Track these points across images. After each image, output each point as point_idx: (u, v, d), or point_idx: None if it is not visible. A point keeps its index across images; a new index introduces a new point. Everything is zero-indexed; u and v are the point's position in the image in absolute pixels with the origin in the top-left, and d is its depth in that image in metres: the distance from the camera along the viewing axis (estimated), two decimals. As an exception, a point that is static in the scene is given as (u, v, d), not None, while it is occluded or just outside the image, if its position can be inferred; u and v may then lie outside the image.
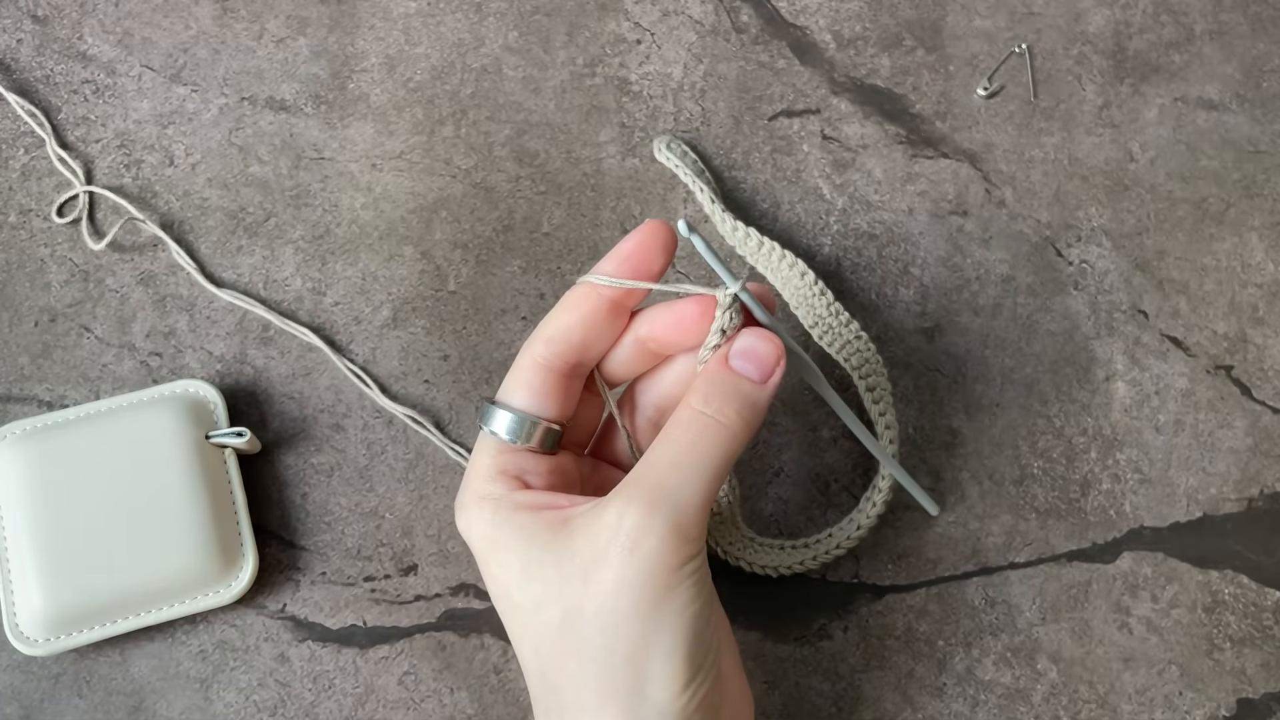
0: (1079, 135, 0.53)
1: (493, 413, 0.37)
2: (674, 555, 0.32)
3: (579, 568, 0.33)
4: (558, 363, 0.36)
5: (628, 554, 0.32)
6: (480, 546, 0.36)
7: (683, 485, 0.33)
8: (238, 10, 0.53)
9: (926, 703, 0.45)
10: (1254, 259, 0.51)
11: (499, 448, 0.36)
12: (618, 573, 0.32)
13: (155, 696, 0.44)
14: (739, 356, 0.35)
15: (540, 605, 0.34)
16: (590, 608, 0.32)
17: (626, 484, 0.34)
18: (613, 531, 0.32)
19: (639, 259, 0.36)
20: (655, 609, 0.32)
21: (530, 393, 0.36)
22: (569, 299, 0.36)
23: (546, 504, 0.35)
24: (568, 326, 0.36)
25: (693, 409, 0.34)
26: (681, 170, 0.49)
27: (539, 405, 0.36)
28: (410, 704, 0.45)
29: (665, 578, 0.32)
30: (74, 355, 0.48)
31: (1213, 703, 0.45)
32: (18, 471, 0.44)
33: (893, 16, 0.54)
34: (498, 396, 0.37)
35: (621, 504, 0.33)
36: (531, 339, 0.37)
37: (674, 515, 0.32)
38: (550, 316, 0.37)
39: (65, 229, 0.50)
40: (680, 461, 0.33)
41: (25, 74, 0.52)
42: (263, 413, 0.48)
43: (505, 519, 0.35)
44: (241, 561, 0.45)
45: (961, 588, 0.47)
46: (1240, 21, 0.54)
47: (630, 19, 0.54)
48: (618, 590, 0.32)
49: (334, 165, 0.51)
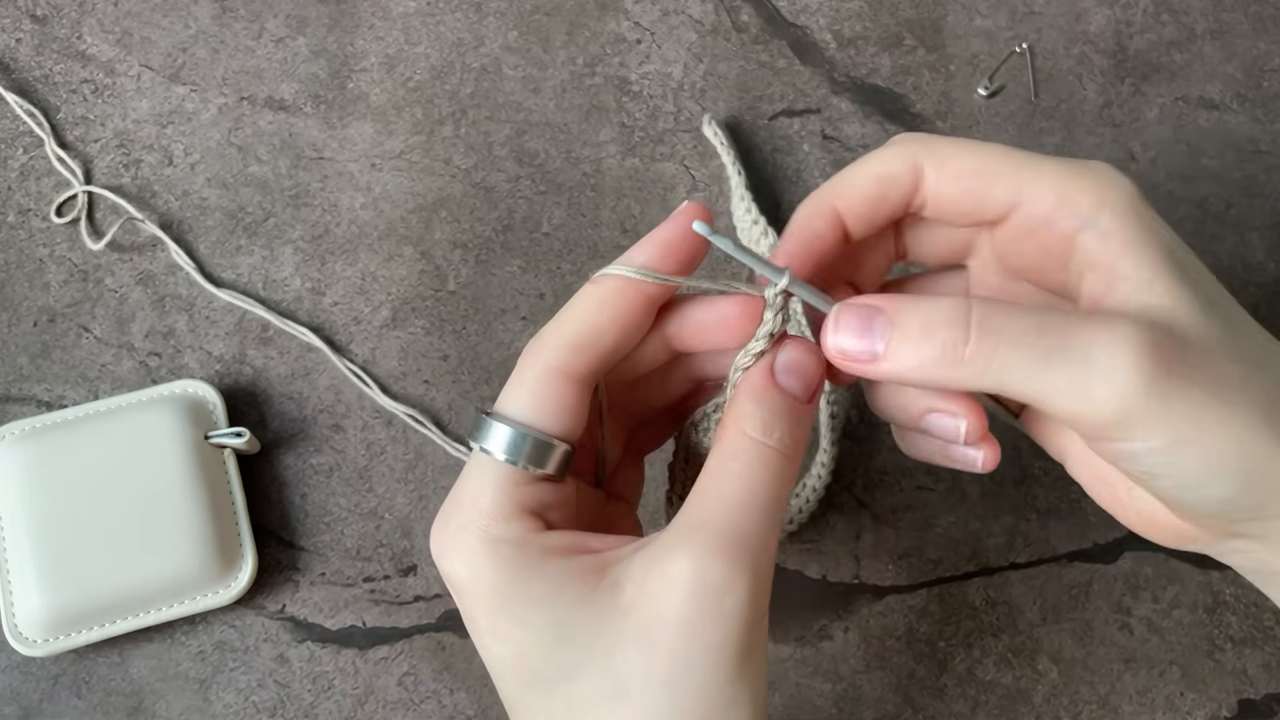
0: (1080, 135, 0.52)
1: (502, 433, 0.29)
2: (755, 612, 0.27)
3: (634, 629, 0.27)
4: (583, 372, 0.30)
5: (709, 616, 0.27)
6: (487, 602, 0.29)
7: (760, 530, 0.28)
8: (237, 10, 0.53)
9: (927, 703, 0.45)
10: (1255, 259, 0.51)
11: (515, 477, 0.29)
12: (695, 637, 0.27)
13: (154, 697, 0.44)
14: (786, 373, 0.30)
15: (576, 674, 0.28)
16: (659, 678, 0.27)
17: (693, 528, 0.28)
18: (687, 588, 0.27)
19: (684, 250, 0.30)
20: (737, 674, 0.27)
21: (548, 407, 0.30)
22: (597, 296, 0.30)
23: (577, 547, 0.29)
24: (598, 329, 0.30)
25: (754, 439, 0.29)
26: (724, 149, 0.50)
27: (557, 423, 0.30)
28: (410, 705, 0.44)
29: (748, 638, 0.27)
30: (73, 355, 0.48)
31: (1214, 703, 0.45)
32: (16, 472, 0.43)
33: (893, 16, 0.54)
34: (503, 411, 0.30)
35: (697, 554, 0.27)
36: (546, 343, 0.30)
37: (756, 566, 0.27)
38: (572, 317, 0.30)
39: (64, 229, 0.50)
40: (752, 500, 0.28)
41: (24, 73, 0.52)
42: (262, 413, 0.48)
43: (531, 569, 0.28)
44: (241, 562, 0.45)
45: (962, 588, 0.46)
46: (1241, 21, 0.54)
47: (630, 18, 0.54)
48: (695, 658, 0.27)
49: (333, 165, 0.51)
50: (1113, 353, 0.26)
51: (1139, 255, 0.28)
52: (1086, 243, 0.29)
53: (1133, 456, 0.27)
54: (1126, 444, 0.27)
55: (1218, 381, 0.27)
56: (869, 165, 0.31)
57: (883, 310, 0.28)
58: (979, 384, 0.27)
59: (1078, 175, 0.29)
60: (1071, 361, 0.26)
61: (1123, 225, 0.28)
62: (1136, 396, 0.26)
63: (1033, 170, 0.29)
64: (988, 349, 0.27)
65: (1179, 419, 0.26)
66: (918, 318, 0.28)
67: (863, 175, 0.31)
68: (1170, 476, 0.27)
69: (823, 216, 0.31)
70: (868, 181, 0.31)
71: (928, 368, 0.27)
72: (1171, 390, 0.26)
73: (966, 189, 0.30)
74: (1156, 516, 0.31)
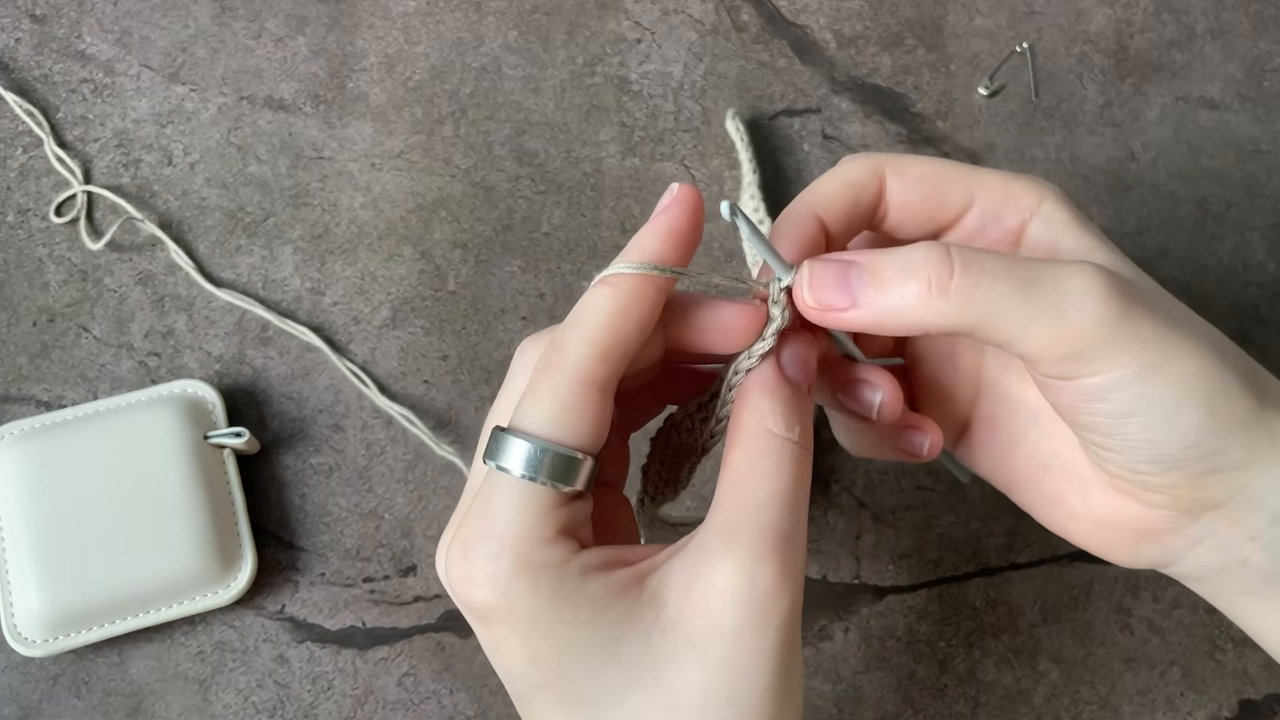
0: (1080, 134, 0.52)
1: (526, 450, 0.27)
2: (798, 614, 0.27)
3: (685, 643, 0.27)
4: (612, 380, 0.28)
5: (764, 624, 0.26)
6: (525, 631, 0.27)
7: (795, 531, 0.28)
8: (236, 9, 0.53)
9: (928, 704, 0.45)
10: (1255, 259, 0.51)
11: (550, 499, 0.28)
12: (750, 646, 0.26)
13: (154, 697, 0.44)
14: (792, 365, 0.30)
15: (625, 693, 0.27)
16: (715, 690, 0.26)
17: (732, 531, 0.27)
18: (739, 596, 0.26)
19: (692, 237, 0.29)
20: (786, 678, 0.27)
21: (583, 424, 0.28)
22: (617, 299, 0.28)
23: (613, 561, 0.28)
24: (627, 336, 0.28)
25: (779, 435, 0.29)
26: (744, 146, 0.50)
27: (591, 439, 0.28)
28: (409, 705, 0.44)
29: (796, 642, 0.27)
30: (72, 355, 0.48)
31: (1214, 703, 0.45)
32: (16, 472, 0.43)
33: (894, 15, 0.54)
34: (518, 425, 0.28)
35: (747, 560, 0.27)
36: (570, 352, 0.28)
37: (799, 569, 0.27)
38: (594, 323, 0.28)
39: (63, 228, 0.50)
40: (786, 499, 0.28)
41: (23, 73, 0.52)
42: (261, 413, 0.48)
43: (572, 593, 0.27)
44: (240, 562, 0.44)
45: (963, 588, 0.46)
46: (1242, 20, 0.54)
47: (630, 18, 0.54)
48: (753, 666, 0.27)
49: (333, 165, 0.51)
50: (1083, 285, 0.27)
51: (1077, 233, 0.31)
52: (1031, 231, 0.32)
53: (1104, 393, 0.28)
54: (1099, 377, 0.28)
55: (1172, 318, 0.29)
56: (838, 175, 0.32)
57: (856, 261, 0.29)
58: (960, 319, 0.28)
59: (1018, 178, 0.32)
60: (1046, 292, 0.27)
61: (1061, 211, 0.31)
62: (1108, 320, 0.27)
63: (980, 175, 0.32)
64: (971, 281, 0.28)
65: (1147, 345, 0.28)
66: (896, 260, 0.29)
67: (835, 182, 0.32)
68: (1141, 413, 0.28)
69: (809, 221, 0.31)
70: (841, 187, 0.32)
71: (911, 307, 0.28)
72: (1137, 317, 0.28)
73: (927, 192, 0.32)
74: (1116, 513, 0.32)
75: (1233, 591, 0.32)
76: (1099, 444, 0.30)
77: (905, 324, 0.29)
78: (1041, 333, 0.28)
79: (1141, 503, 0.31)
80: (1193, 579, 0.32)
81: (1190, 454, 0.29)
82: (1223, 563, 0.31)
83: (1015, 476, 0.35)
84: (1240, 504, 0.30)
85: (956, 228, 0.32)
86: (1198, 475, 0.29)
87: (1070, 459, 0.33)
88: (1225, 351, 0.29)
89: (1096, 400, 0.29)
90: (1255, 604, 0.32)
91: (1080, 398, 0.29)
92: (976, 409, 0.36)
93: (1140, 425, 0.29)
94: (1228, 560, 0.31)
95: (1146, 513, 0.31)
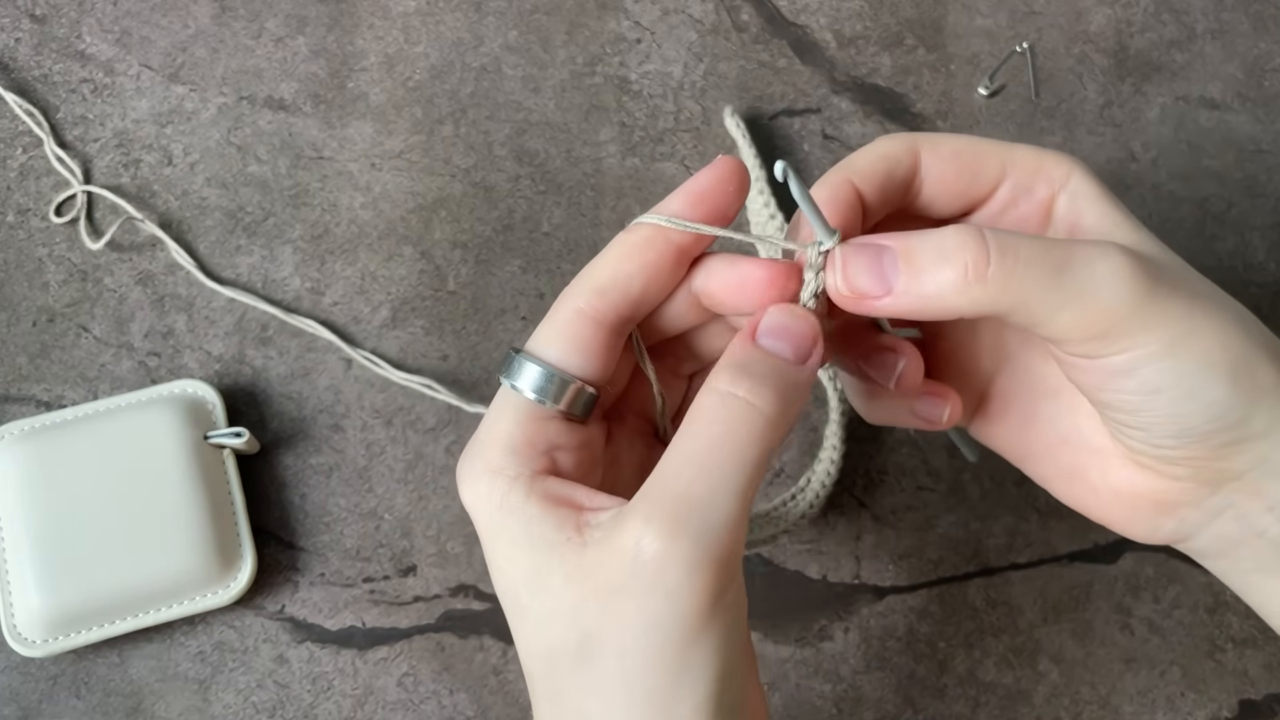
0: (1081, 134, 0.52)
1: (521, 365, 0.30)
2: (706, 590, 0.26)
3: (594, 591, 0.27)
4: (610, 316, 0.30)
5: (649, 591, 0.26)
6: (486, 532, 0.30)
7: (713, 496, 0.27)
8: (236, 9, 0.53)
9: (928, 704, 0.45)
10: (1255, 259, 0.51)
11: (527, 411, 0.30)
12: (639, 612, 0.27)
13: (154, 698, 0.44)
14: (769, 335, 0.29)
15: (551, 619, 0.28)
16: (611, 645, 0.27)
17: (644, 495, 0.27)
18: (630, 560, 0.26)
19: (715, 201, 0.30)
20: (684, 654, 0.27)
21: (570, 347, 0.30)
22: (627, 243, 0.30)
23: (563, 498, 0.29)
24: (627, 275, 0.30)
25: (720, 391, 0.28)
26: (745, 143, 0.50)
27: (579, 363, 0.30)
28: (409, 705, 0.44)
29: (695, 618, 0.27)
30: (72, 355, 0.48)
31: (1215, 703, 0.45)
32: (15, 472, 0.43)
33: (894, 15, 0.54)
34: (527, 347, 0.31)
35: (639, 525, 0.27)
36: (575, 287, 0.30)
37: (704, 537, 0.26)
38: (602, 263, 0.30)
39: (63, 228, 0.50)
40: (708, 463, 0.27)
41: (23, 73, 0.52)
42: (261, 413, 0.48)
43: (515, 506, 0.29)
44: (240, 562, 0.44)
45: (963, 588, 0.46)
46: (1242, 20, 0.54)
47: (630, 18, 0.54)
48: (640, 631, 0.27)
49: (333, 165, 0.51)
50: (1111, 265, 0.28)
51: (1103, 209, 0.31)
52: (1059, 204, 0.32)
53: (1130, 370, 0.28)
54: (1125, 355, 0.28)
55: (1195, 293, 0.29)
56: (875, 148, 0.32)
57: (889, 246, 0.29)
58: (995, 305, 0.28)
59: (1047, 152, 0.32)
60: (1077, 274, 0.28)
61: (1088, 185, 0.32)
62: (1136, 297, 0.28)
63: (1012, 149, 0.32)
64: (1008, 266, 0.28)
65: (1173, 320, 0.28)
66: (930, 246, 0.28)
67: (872, 155, 0.32)
68: (1169, 388, 0.28)
69: (846, 188, 0.31)
70: (877, 159, 0.32)
71: (947, 293, 0.28)
72: (1164, 294, 0.28)
73: (961, 166, 0.32)
74: (1136, 487, 0.32)
75: (1247, 567, 0.32)
76: (1123, 421, 0.30)
77: (940, 310, 0.29)
78: (1071, 315, 0.28)
79: (1163, 476, 0.31)
80: (1209, 554, 0.32)
81: (1215, 425, 0.29)
82: (1240, 535, 0.31)
83: (1032, 450, 0.35)
84: (1261, 474, 0.29)
85: (989, 202, 0.32)
86: (1221, 446, 0.29)
87: (1090, 434, 0.33)
88: (1248, 323, 0.29)
89: (1123, 377, 0.29)
90: (1269, 581, 0.32)
91: (1106, 375, 0.29)
92: (995, 383, 0.35)
93: (1166, 400, 0.29)
94: (1245, 533, 0.31)
95: (1167, 485, 0.31)
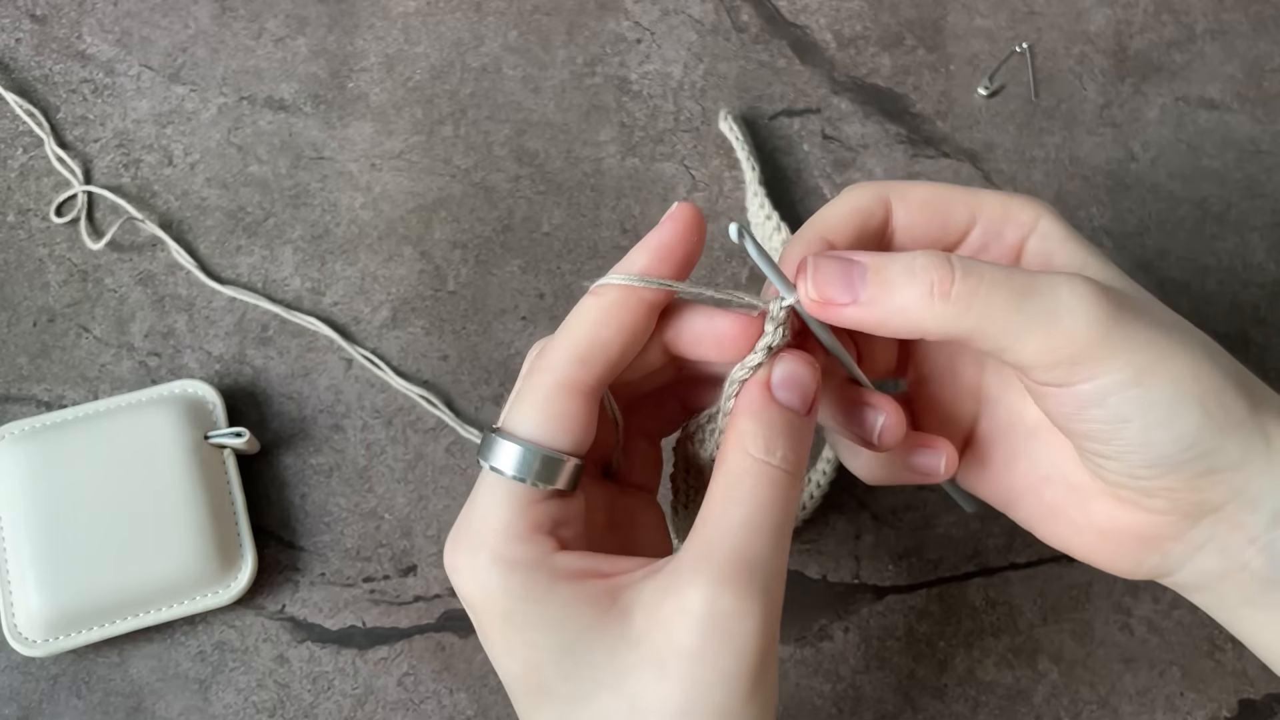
0: (1080, 135, 0.52)
1: (511, 450, 0.29)
2: (769, 638, 0.28)
3: (648, 657, 0.28)
4: (592, 385, 0.30)
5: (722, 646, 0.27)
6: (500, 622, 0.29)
7: (767, 554, 0.28)
8: (236, 9, 0.53)
9: (927, 704, 0.45)
10: (1255, 259, 0.51)
11: (525, 495, 0.29)
12: (710, 666, 0.27)
13: (154, 697, 0.44)
14: (783, 387, 0.30)
15: (590, 698, 0.28)
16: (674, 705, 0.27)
17: (701, 555, 0.28)
18: (699, 619, 0.27)
19: (680, 253, 0.30)
20: (749, 700, 0.28)
21: (558, 425, 0.29)
22: (599, 308, 0.30)
23: (589, 570, 0.29)
24: (604, 343, 0.30)
25: (757, 459, 0.29)
26: (740, 144, 0.50)
27: (568, 439, 0.30)
28: (409, 705, 0.44)
29: (760, 663, 0.28)
30: (72, 355, 0.48)
31: (1214, 703, 0.45)
32: (16, 472, 0.43)
33: (893, 16, 0.54)
34: (510, 428, 0.30)
35: (709, 584, 0.27)
36: (553, 359, 0.30)
37: (768, 592, 0.28)
38: (579, 331, 0.30)
39: (64, 229, 0.50)
40: (760, 523, 0.28)
41: (24, 73, 0.52)
42: (262, 413, 0.48)
43: (542, 593, 0.28)
44: (240, 562, 0.44)
45: (962, 588, 0.46)
46: (1241, 21, 0.54)
47: (630, 18, 0.54)
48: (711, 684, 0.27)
49: (333, 165, 0.51)
50: (1075, 291, 0.28)
51: (1071, 248, 0.32)
52: (1029, 246, 0.32)
53: (1100, 399, 0.29)
54: (1094, 382, 0.28)
55: (1163, 323, 0.29)
56: (846, 202, 0.33)
57: (859, 260, 0.30)
58: (958, 325, 0.29)
59: (1014, 197, 0.33)
60: (1041, 299, 0.28)
61: (1056, 227, 0.32)
62: (1101, 323, 0.28)
63: (979, 196, 0.33)
64: (971, 287, 0.28)
65: (1141, 349, 0.28)
66: (899, 263, 0.29)
67: (843, 209, 0.33)
68: (1138, 416, 0.29)
69: (819, 246, 0.32)
70: (849, 213, 0.32)
71: (912, 309, 0.29)
72: (1129, 322, 0.28)
73: (931, 214, 0.33)
74: (1117, 522, 0.32)
75: (1233, 601, 0.32)
76: (1097, 451, 0.30)
77: (904, 326, 0.29)
78: (1036, 340, 0.28)
79: (1142, 509, 0.31)
80: (1194, 588, 0.32)
81: (1187, 455, 0.29)
82: (1223, 568, 0.31)
83: (1014, 491, 0.35)
84: (1239, 506, 0.30)
85: (960, 248, 0.33)
86: (1195, 477, 0.29)
87: (1069, 471, 0.33)
88: (1216, 354, 0.30)
89: (1093, 406, 0.29)
90: (1256, 614, 0.32)
91: (1076, 404, 0.29)
92: (976, 427, 0.36)
93: (1137, 429, 0.29)
94: (1228, 565, 0.31)
95: (1148, 519, 0.31)
